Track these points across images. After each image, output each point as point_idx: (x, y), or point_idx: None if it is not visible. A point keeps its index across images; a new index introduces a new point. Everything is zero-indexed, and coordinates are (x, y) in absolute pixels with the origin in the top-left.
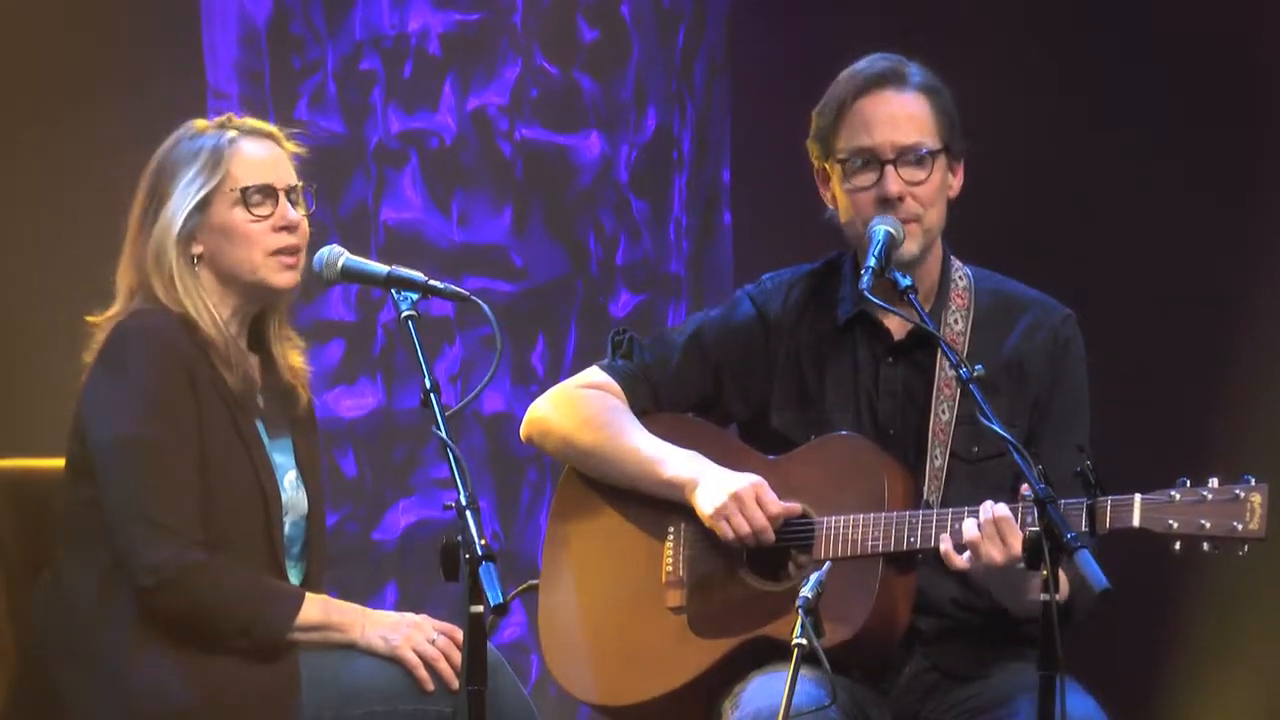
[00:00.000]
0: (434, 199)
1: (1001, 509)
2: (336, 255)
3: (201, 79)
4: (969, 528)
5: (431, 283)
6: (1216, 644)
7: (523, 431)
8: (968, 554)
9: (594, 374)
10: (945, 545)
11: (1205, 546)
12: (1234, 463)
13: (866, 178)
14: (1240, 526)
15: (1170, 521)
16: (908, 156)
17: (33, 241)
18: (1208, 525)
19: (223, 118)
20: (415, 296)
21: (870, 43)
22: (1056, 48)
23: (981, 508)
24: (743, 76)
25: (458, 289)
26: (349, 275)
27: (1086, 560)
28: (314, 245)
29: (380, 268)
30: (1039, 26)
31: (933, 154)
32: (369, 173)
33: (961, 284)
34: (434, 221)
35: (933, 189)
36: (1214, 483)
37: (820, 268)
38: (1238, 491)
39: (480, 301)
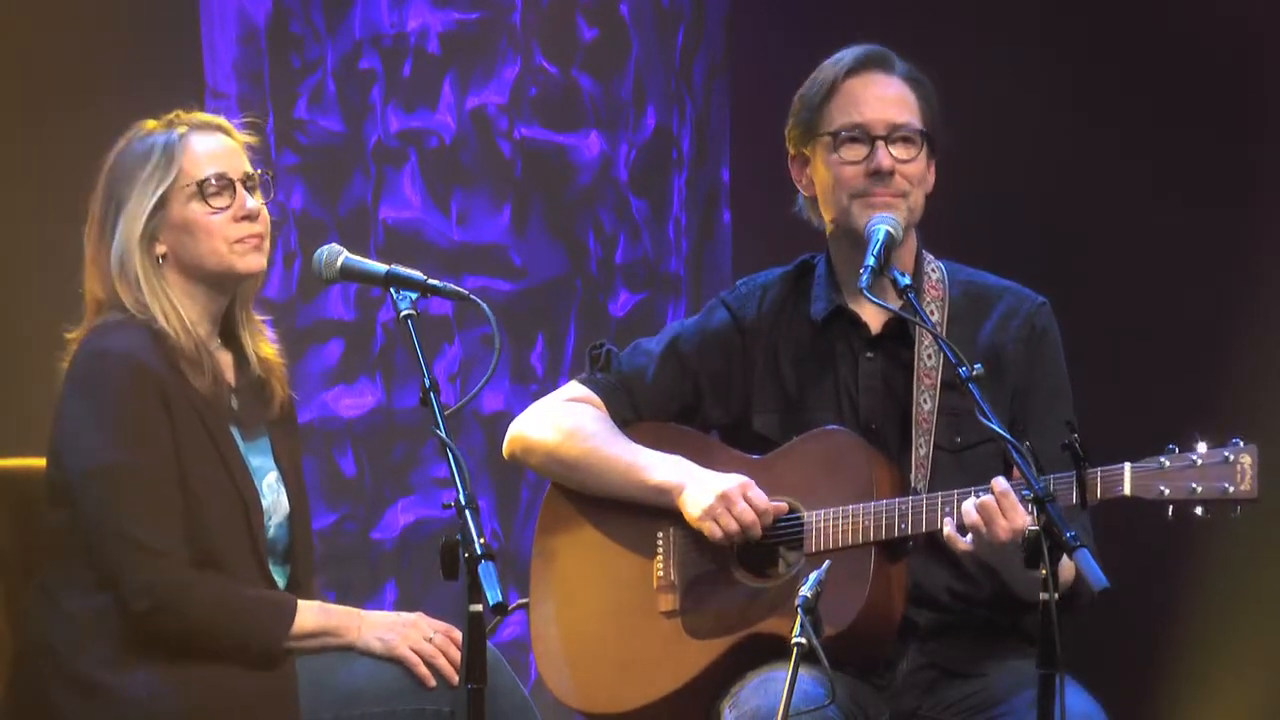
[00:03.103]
0: (433, 198)
1: (1001, 484)
2: (336, 254)
3: (200, 78)
4: (969, 508)
5: (431, 282)
6: (1216, 642)
7: (505, 449)
8: (970, 536)
9: (573, 388)
10: (949, 529)
11: (1198, 511)
12: (1222, 428)
13: (856, 151)
14: (1231, 488)
15: (1161, 488)
16: (897, 134)
17: (30, 241)
18: (1199, 489)
19: (170, 114)
20: (414, 295)
21: (868, 43)
22: (1057, 48)
23: (982, 489)
24: (742, 76)
25: (457, 288)
26: (348, 274)
27: (1086, 559)
28: (313, 244)
29: (379, 267)
30: (1038, 27)
31: (921, 135)
32: (368, 172)
33: (934, 276)
34: (433, 220)
35: (919, 169)
36: (1202, 447)
37: (793, 270)
38: (1227, 454)
39: (479, 301)
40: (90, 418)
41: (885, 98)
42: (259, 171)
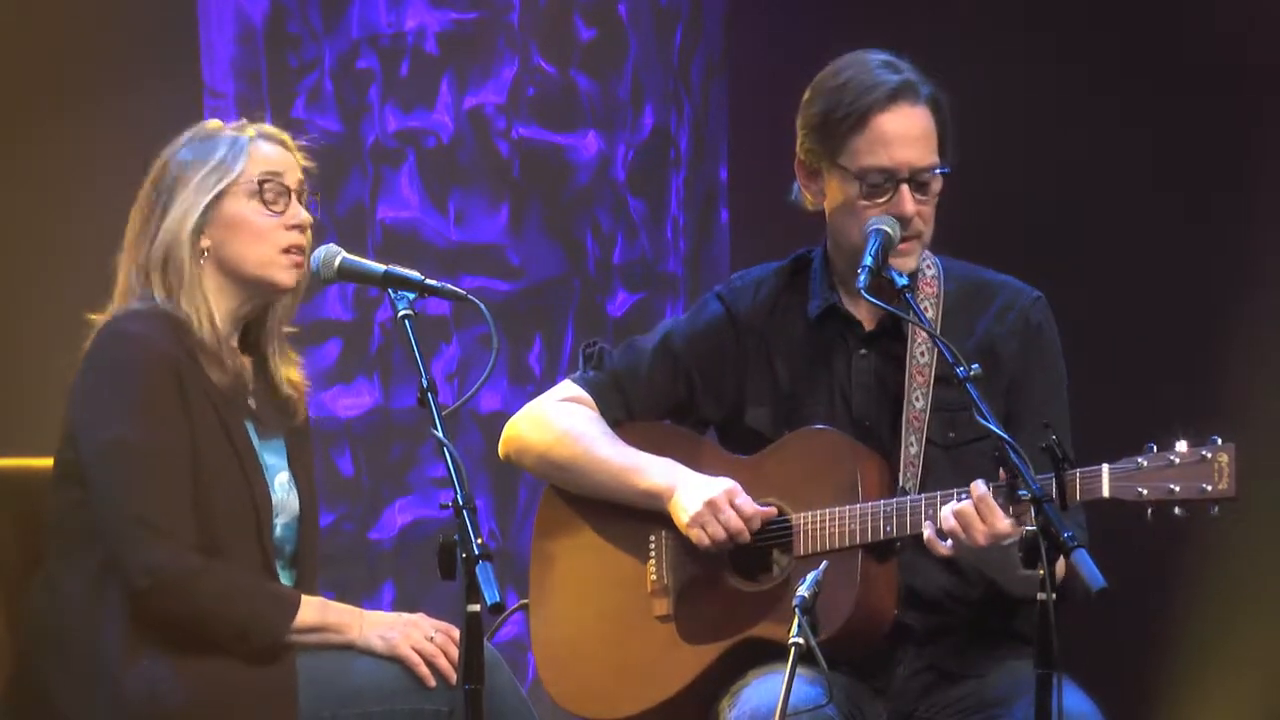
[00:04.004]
0: (431, 198)
1: (979, 488)
2: (334, 254)
3: (198, 78)
4: (947, 514)
5: (428, 282)
6: (1213, 643)
7: (500, 450)
8: (949, 541)
9: (566, 388)
10: (928, 533)
11: (1177, 511)
12: (1214, 426)
13: (880, 194)
14: (1209, 487)
15: (1139, 489)
16: (919, 177)
17: (31, 240)
18: (1177, 489)
19: (239, 121)
20: (412, 295)
21: (868, 43)
22: (1056, 47)
23: (963, 491)
24: (740, 75)
25: (455, 288)
26: (346, 274)
27: (1083, 559)
28: (311, 244)
29: (377, 266)
30: (1038, 26)
31: (939, 173)
32: (366, 171)
33: (930, 273)
34: (431, 220)
35: (933, 207)
36: (1181, 446)
37: (788, 265)
38: (1205, 453)
39: (477, 301)
40: (107, 397)
41: (910, 137)
42: (308, 188)
